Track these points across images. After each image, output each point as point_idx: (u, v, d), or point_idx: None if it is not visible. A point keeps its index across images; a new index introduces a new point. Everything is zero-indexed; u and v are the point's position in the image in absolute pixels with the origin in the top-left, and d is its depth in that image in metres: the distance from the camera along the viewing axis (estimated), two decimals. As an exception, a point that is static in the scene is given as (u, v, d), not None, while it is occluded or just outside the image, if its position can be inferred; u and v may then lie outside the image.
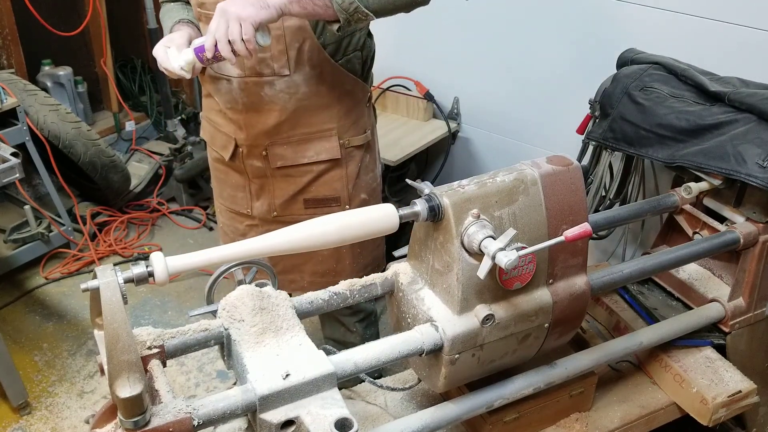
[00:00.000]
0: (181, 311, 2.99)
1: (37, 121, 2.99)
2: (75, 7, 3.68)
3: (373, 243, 2.00)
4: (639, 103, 1.81)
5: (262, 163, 1.84)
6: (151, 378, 1.08)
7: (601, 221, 1.62)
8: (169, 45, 1.60)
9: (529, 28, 2.70)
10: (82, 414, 2.50)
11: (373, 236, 1.20)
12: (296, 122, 1.78)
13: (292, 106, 1.75)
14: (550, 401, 1.48)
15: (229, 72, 1.72)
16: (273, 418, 1.04)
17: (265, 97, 1.73)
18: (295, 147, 1.81)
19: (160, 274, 1.06)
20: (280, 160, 1.82)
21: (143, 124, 4.06)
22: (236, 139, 1.83)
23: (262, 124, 1.77)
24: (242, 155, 1.84)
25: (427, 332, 1.20)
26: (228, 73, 1.72)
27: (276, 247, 1.13)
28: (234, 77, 1.72)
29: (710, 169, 1.64)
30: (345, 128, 1.84)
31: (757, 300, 1.68)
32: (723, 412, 1.54)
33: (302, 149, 1.82)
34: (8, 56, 3.34)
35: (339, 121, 1.82)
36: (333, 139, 1.83)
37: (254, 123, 1.78)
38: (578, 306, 1.32)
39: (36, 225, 3.13)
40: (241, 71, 1.70)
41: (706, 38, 2.25)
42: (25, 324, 2.93)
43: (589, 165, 2.33)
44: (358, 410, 1.46)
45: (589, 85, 2.15)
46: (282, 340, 1.13)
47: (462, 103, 3.03)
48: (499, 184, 1.20)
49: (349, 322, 2.16)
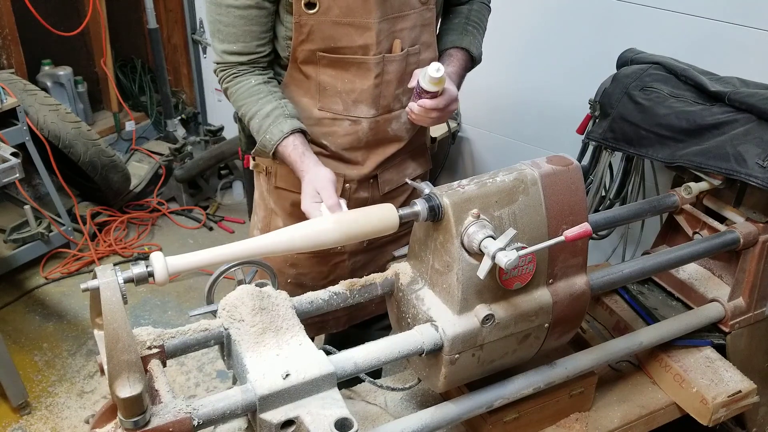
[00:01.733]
0: (181, 311, 2.99)
1: (37, 121, 2.99)
2: (75, 7, 3.68)
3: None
4: (639, 103, 1.81)
5: (369, 193, 1.74)
6: (151, 378, 1.08)
7: (601, 221, 1.62)
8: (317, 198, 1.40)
9: (529, 28, 2.70)
10: (82, 414, 2.50)
11: (374, 236, 1.20)
12: (406, 146, 1.74)
13: (410, 135, 1.71)
14: (550, 401, 1.48)
15: (359, 113, 1.61)
16: (273, 418, 1.04)
17: (391, 132, 1.67)
18: (398, 168, 1.77)
19: (160, 274, 1.06)
20: (387, 185, 1.76)
21: (143, 124, 4.06)
22: (345, 177, 1.69)
23: (380, 156, 1.69)
24: (350, 191, 1.72)
25: (427, 332, 1.20)
26: (358, 114, 1.61)
27: (276, 247, 1.13)
28: (366, 117, 1.61)
29: (710, 169, 1.64)
30: (427, 137, 1.85)
31: (757, 300, 1.68)
32: (723, 412, 1.54)
33: (403, 168, 1.78)
34: (8, 56, 3.34)
35: (426, 132, 1.83)
36: (425, 151, 1.83)
37: (374, 157, 1.69)
38: (578, 306, 1.32)
39: (36, 225, 3.13)
40: (375, 111, 1.61)
41: (706, 38, 2.26)
42: (25, 324, 2.93)
43: (589, 165, 2.34)
44: (358, 410, 1.46)
45: (589, 85, 2.16)
46: (282, 340, 1.13)
47: (462, 103, 3.02)
48: (499, 184, 1.20)
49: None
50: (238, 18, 1.50)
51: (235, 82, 1.57)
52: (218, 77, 1.61)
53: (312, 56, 1.54)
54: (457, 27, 1.70)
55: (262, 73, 1.58)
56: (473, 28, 1.70)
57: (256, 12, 1.49)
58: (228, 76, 1.57)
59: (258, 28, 1.52)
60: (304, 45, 1.52)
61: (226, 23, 1.51)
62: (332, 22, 1.48)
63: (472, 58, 1.68)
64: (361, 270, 1.83)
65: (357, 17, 1.48)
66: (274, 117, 1.51)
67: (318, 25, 1.49)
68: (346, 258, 1.80)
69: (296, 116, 1.54)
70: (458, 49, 1.66)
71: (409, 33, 1.57)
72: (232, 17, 1.50)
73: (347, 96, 1.59)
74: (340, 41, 1.51)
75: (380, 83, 1.58)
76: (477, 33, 1.70)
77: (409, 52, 1.59)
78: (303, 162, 1.48)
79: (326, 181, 1.41)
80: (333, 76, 1.56)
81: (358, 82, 1.56)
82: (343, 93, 1.58)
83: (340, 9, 1.47)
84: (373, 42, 1.51)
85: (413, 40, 1.59)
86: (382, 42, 1.53)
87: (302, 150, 1.50)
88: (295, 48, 1.54)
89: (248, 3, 1.48)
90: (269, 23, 1.53)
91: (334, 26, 1.49)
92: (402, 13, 1.54)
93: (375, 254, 1.85)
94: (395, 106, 1.64)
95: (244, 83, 1.56)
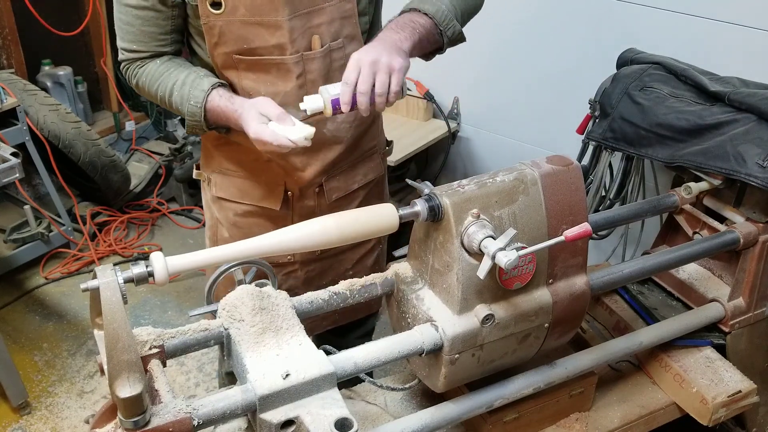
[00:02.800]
0: (181, 311, 2.99)
1: (37, 121, 2.99)
2: (75, 7, 3.68)
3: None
4: (639, 103, 1.81)
5: (315, 201, 1.68)
6: (151, 378, 1.08)
7: (601, 221, 1.62)
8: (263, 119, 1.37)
9: (530, 28, 2.70)
10: (82, 414, 2.50)
11: (374, 236, 1.20)
12: (351, 149, 1.67)
13: (351, 135, 1.64)
14: (550, 401, 1.48)
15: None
16: (273, 418, 1.04)
17: (327, 133, 1.59)
18: (346, 175, 1.70)
19: (160, 274, 1.06)
20: (335, 192, 1.69)
21: (143, 124, 4.06)
22: (286, 184, 1.64)
23: (321, 162, 1.62)
24: (292, 199, 1.67)
25: (426, 332, 1.20)
26: None
27: (276, 247, 1.13)
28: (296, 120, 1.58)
29: (710, 169, 1.64)
30: (380, 141, 1.79)
31: (757, 300, 1.68)
32: (723, 412, 1.54)
33: (352, 175, 1.71)
34: (8, 56, 3.34)
35: (378, 135, 1.77)
36: (376, 156, 1.76)
37: (313, 162, 1.61)
38: (578, 306, 1.32)
39: (36, 225, 3.13)
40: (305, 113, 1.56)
41: (706, 38, 2.26)
42: (25, 324, 2.93)
43: (589, 165, 2.34)
44: (358, 410, 1.46)
45: (589, 85, 2.16)
46: (282, 340, 1.14)
47: (462, 103, 3.03)
48: (499, 184, 1.20)
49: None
50: (135, 18, 1.48)
51: (142, 71, 1.54)
52: (125, 74, 1.57)
53: (230, 60, 1.49)
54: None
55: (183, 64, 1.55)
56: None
57: (153, 14, 1.46)
58: (134, 68, 1.55)
59: (156, 30, 1.49)
60: (218, 48, 1.47)
61: (125, 21, 1.50)
62: (241, 21, 1.43)
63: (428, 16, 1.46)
64: (317, 279, 1.78)
65: (265, 15, 1.42)
66: (191, 81, 1.48)
67: (227, 26, 1.43)
68: (298, 267, 1.75)
69: (210, 75, 1.50)
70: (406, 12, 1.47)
71: (328, 27, 1.48)
72: (130, 16, 1.48)
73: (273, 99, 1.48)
74: (252, 42, 1.45)
75: (304, 83, 1.50)
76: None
77: (332, 47, 1.50)
78: (234, 102, 1.43)
79: (264, 100, 1.37)
80: (254, 79, 1.50)
81: (280, 84, 1.50)
82: (267, 96, 1.49)
83: (246, 8, 1.41)
84: (286, 40, 1.44)
85: (334, 35, 1.50)
86: (297, 40, 1.45)
87: (228, 95, 1.45)
88: (212, 53, 1.49)
89: (144, 4, 1.45)
90: (168, 26, 1.50)
91: (244, 26, 1.43)
92: (316, 7, 1.45)
93: (331, 263, 1.79)
94: None
95: (151, 66, 1.53)
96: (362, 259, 1.84)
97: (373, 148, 1.75)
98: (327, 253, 1.75)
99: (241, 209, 1.72)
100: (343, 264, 1.81)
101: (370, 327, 2.10)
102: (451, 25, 1.49)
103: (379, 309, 2.02)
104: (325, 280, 1.78)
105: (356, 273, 1.79)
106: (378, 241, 1.87)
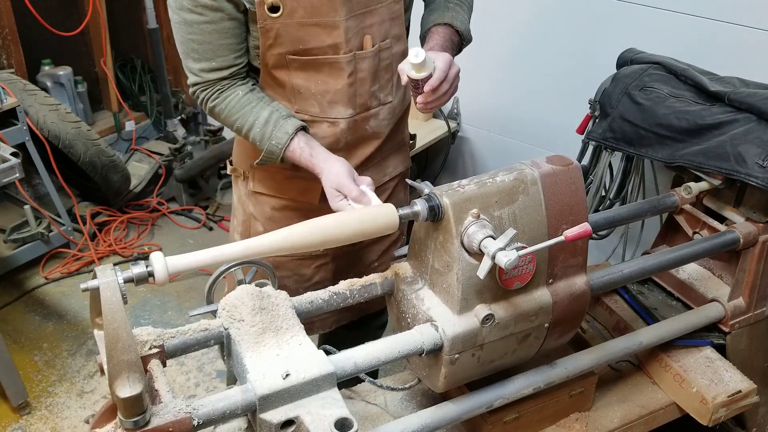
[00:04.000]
0: (181, 311, 2.99)
1: (37, 121, 2.99)
2: (75, 7, 3.68)
3: None
4: (639, 103, 1.81)
5: None
6: (151, 378, 1.08)
7: (601, 221, 1.62)
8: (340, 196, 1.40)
9: (530, 28, 2.70)
10: (82, 414, 2.50)
11: (374, 236, 1.20)
12: (386, 143, 1.71)
13: (388, 131, 1.68)
14: (550, 401, 1.48)
15: (336, 114, 1.57)
16: (273, 418, 1.04)
17: (369, 130, 1.64)
18: (378, 167, 1.73)
19: (160, 274, 1.06)
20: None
21: (143, 124, 4.06)
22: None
23: (360, 156, 1.66)
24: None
25: (426, 332, 1.20)
26: (336, 115, 1.58)
27: (276, 247, 1.13)
28: (343, 118, 1.58)
29: (710, 169, 1.64)
30: (407, 134, 1.82)
31: (757, 300, 1.68)
32: (723, 412, 1.54)
33: (383, 167, 1.75)
34: (8, 56, 3.34)
35: (406, 128, 1.81)
36: (404, 148, 1.81)
37: (353, 157, 1.64)
38: (578, 306, 1.32)
39: (36, 225, 3.13)
40: (353, 110, 1.58)
41: (706, 38, 2.26)
42: (25, 324, 2.93)
43: (589, 165, 2.34)
44: (358, 410, 1.46)
45: (589, 85, 2.16)
46: (282, 340, 1.14)
47: (462, 103, 3.03)
48: (499, 184, 1.20)
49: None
50: (211, 33, 1.47)
51: (222, 98, 1.54)
52: (199, 98, 1.56)
53: (282, 60, 1.51)
54: (438, 6, 1.64)
55: (244, 83, 1.55)
56: (454, 5, 1.64)
57: (230, 24, 1.47)
58: (212, 93, 1.54)
59: (234, 40, 1.50)
60: (272, 50, 1.49)
61: (200, 41, 1.48)
62: (298, 23, 1.45)
63: (458, 32, 1.61)
64: (346, 272, 1.79)
65: (323, 16, 1.45)
66: (274, 121, 1.50)
67: (284, 28, 1.46)
68: (329, 260, 1.77)
69: (291, 115, 1.54)
70: (440, 26, 1.59)
71: (379, 28, 1.54)
72: (206, 34, 1.47)
73: (322, 97, 1.55)
74: (308, 42, 1.48)
75: (354, 82, 1.54)
76: (460, 9, 1.64)
77: (381, 47, 1.55)
78: (312, 162, 1.48)
79: (341, 176, 1.41)
80: (306, 78, 1.53)
81: (331, 83, 1.53)
82: (317, 95, 1.55)
83: (305, 10, 1.44)
84: (342, 40, 1.48)
85: (384, 35, 1.55)
86: (352, 39, 1.50)
87: (309, 150, 1.49)
88: (264, 54, 1.51)
89: (221, 16, 1.45)
90: (243, 33, 1.51)
91: (301, 27, 1.46)
92: (369, 8, 1.50)
93: (360, 254, 1.82)
94: (372, 103, 1.61)
95: (232, 96, 1.53)
96: (387, 250, 1.88)
97: (402, 140, 1.80)
98: (356, 245, 1.74)
99: (279, 204, 1.73)
100: (369, 255, 1.84)
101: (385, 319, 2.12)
102: (469, 39, 1.64)
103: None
104: (352, 272, 1.77)
105: (381, 264, 1.86)
106: (402, 233, 1.90)
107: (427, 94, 1.40)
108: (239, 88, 1.54)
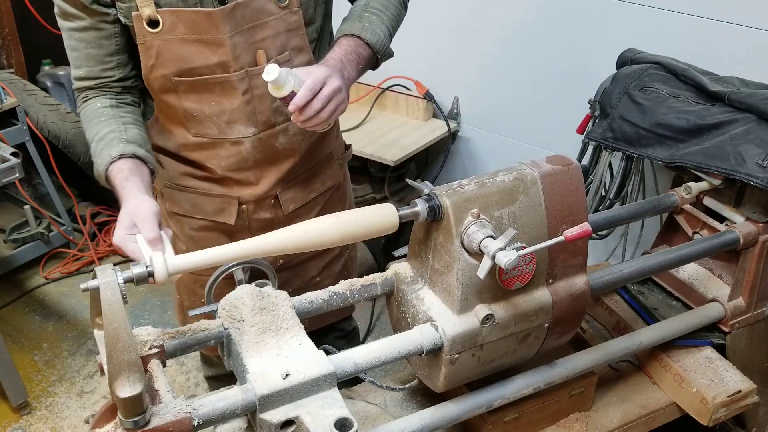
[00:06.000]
0: (181, 311, 2.99)
1: (37, 121, 2.99)
2: (75, 7, 3.68)
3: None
4: (639, 103, 1.81)
5: (272, 214, 1.65)
6: (151, 378, 1.08)
7: (601, 221, 1.62)
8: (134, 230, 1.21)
9: (529, 28, 2.70)
10: (82, 414, 2.50)
11: (373, 236, 1.20)
12: (307, 159, 1.64)
13: (305, 146, 1.60)
14: (550, 401, 1.48)
15: (237, 134, 1.50)
16: (273, 418, 1.04)
17: (279, 146, 1.56)
18: (302, 185, 1.66)
19: (160, 274, 1.06)
20: (292, 203, 1.66)
21: (143, 123, 4.05)
22: (240, 198, 1.61)
23: (274, 174, 1.59)
24: (248, 213, 1.63)
25: (426, 332, 1.20)
26: (237, 135, 1.50)
27: (275, 247, 1.13)
28: (246, 137, 1.51)
29: (710, 169, 1.64)
30: (336, 146, 1.75)
31: (757, 300, 1.68)
32: (723, 412, 1.54)
33: (309, 184, 1.68)
34: (8, 56, 3.34)
35: (334, 141, 1.73)
36: (333, 162, 1.72)
37: (266, 175, 1.58)
38: (578, 306, 1.32)
39: (36, 225, 3.14)
40: (255, 128, 1.50)
41: (706, 38, 2.26)
42: (25, 324, 2.93)
43: (589, 165, 2.34)
44: (358, 410, 1.46)
45: (589, 85, 2.16)
46: (282, 340, 1.14)
47: (462, 103, 3.03)
48: (499, 184, 1.20)
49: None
50: (78, 41, 1.44)
51: (83, 107, 1.49)
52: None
53: (168, 83, 1.43)
54: (353, 15, 1.54)
55: (114, 97, 1.48)
56: (372, 14, 1.52)
57: (94, 33, 1.42)
58: (80, 101, 1.50)
59: (99, 51, 1.44)
60: (155, 71, 1.42)
61: (72, 47, 1.46)
62: (180, 40, 1.38)
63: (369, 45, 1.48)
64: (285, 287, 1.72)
65: (205, 33, 1.37)
66: (108, 141, 1.40)
67: (165, 45, 1.38)
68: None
69: (136, 142, 1.41)
70: (346, 37, 1.47)
71: (273, 41, 1.45)
72: (74, 41, 1.45)
73: (218, 118, 1.48)
74: (192, 61, 1.40)
75: (251, 99, 1.47)
76: (377, 19, 1.51)
77: (278, 61, 1.44)
78: (124, 188, 1.32)
79: (147, 212, 1.22)
80: (197, 101, 1.46)
81: (226, 103, 1.46)
82: (213, 116, 1.48)
83: (186, 26, 1.36)
84: (229, 58, 1.40)
85: (280, 48, 1.46)
86: (242, 56, 1.42)
87: (126, 175, 1.34)
88: (148, 77, 1.44)
89: (84, 24, 1.41)
90: (113, 46, 1.44)
91: (183, 45, 1.38)
92: (258, 21, 1.41)
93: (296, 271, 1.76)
94: (278, 119, 1.52)
95: (90, 106, 1.47)
96: (328, 266, 1.82)
97: (329, 155, 1.72)
98: (291, 261, 1.73)
99: (197, 224, 1.67)
100: (308, 272, 1.78)
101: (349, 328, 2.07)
102: (387, 51, 1.52)
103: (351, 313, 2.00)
104: (291, 288, 1.70)
105: (323, 280, 1.79)
106: (344, 248, 1.84)
107: (295, 114, 1.31)
108: (99, 100, 1.47)
